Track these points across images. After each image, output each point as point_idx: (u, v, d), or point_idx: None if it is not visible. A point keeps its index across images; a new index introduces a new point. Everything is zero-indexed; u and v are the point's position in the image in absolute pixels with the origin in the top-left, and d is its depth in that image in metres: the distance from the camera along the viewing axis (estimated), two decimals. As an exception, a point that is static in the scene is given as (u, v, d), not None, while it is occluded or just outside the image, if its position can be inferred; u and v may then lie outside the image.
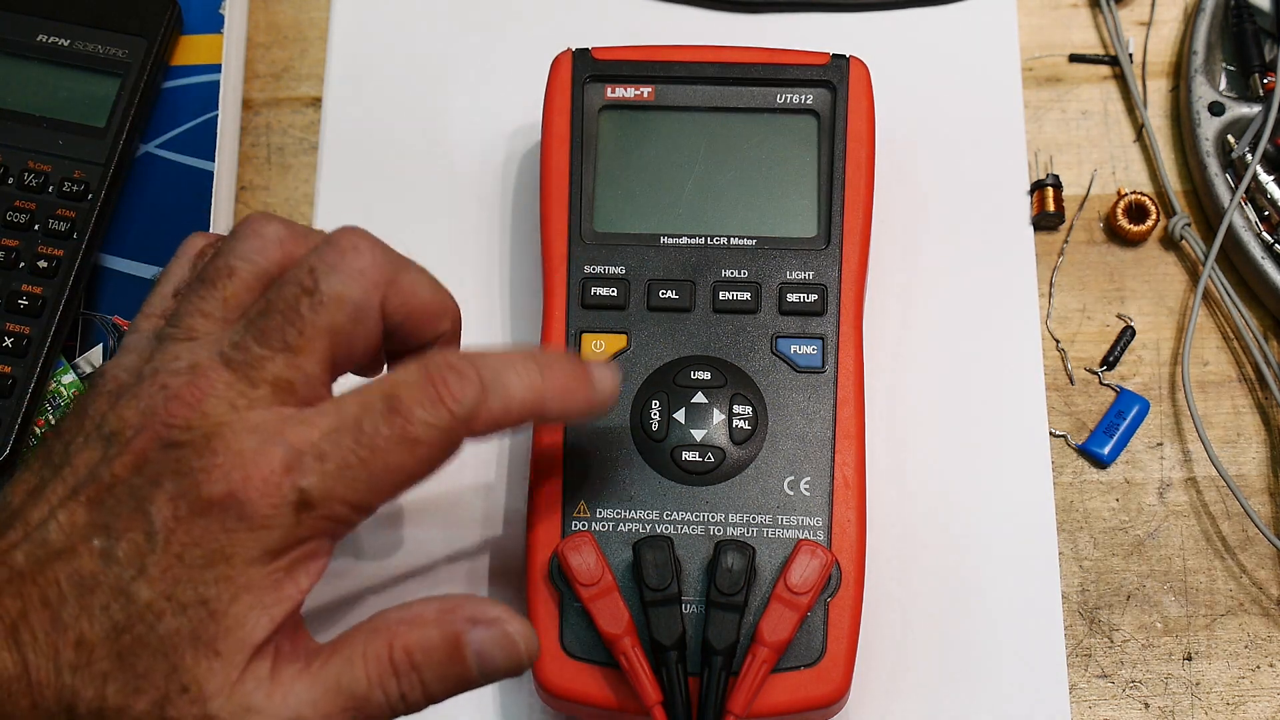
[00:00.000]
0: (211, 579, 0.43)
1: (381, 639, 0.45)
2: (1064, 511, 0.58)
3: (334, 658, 0.44)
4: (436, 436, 0.44)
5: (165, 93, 0.63)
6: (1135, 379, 0.61)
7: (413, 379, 0.44)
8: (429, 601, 0.45)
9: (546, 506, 0.53)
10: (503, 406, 0.45)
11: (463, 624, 0.45)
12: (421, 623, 0.45)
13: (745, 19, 0.65)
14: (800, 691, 0.51)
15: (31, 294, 0.58)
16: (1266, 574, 0.58)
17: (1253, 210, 0.62)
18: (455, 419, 0.44)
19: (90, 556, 0.43)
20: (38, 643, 0.43)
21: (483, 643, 0.45)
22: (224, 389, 0.44)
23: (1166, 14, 0.66)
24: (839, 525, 0.53)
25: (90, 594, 0.43)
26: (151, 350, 0.46)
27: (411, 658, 0.44)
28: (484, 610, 0.45)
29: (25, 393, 0.57)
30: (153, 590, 0.43)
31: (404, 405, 0.44)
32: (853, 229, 0.56)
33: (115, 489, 0.43)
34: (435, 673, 0.45)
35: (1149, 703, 0.56)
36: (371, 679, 0.44)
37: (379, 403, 0.44)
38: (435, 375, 0.44)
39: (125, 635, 0.43)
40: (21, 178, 0.60)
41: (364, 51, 0.65)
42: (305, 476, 0.43)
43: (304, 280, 0.45)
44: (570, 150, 0.57)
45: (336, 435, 0.43)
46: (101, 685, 0.43)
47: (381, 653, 0.44)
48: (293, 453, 0.43)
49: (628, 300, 0.56)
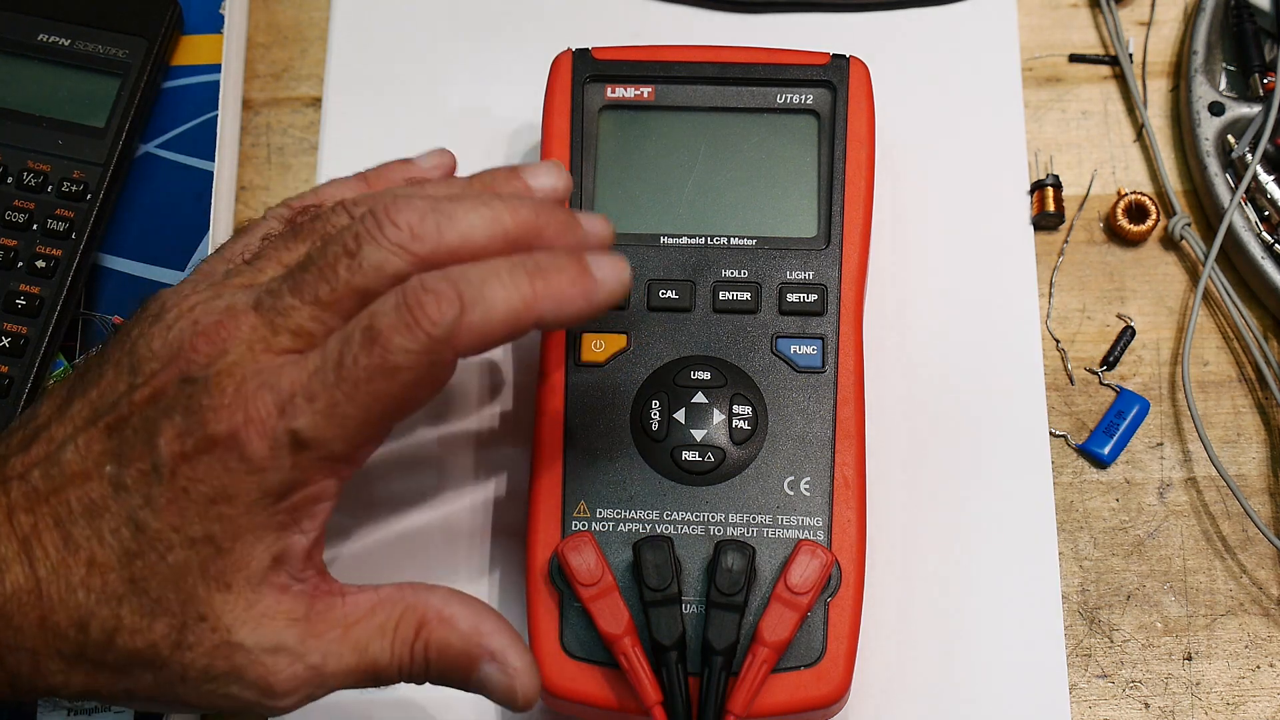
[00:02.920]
0: (215, 516, 0.44)
1: (414, 621, 0.47)
2: (1064, 511, 0.58)
3: (370, 620, 0.46)
4: (416, 361, 0.44)
5: (165, 93, 0.63)
6: (1135, 379, 0.61)
7: (389, 306, 0.45)
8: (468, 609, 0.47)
9: (546, 506, 0.53)
10: (484, 320, 0.45)
11: (485, 653, 0.47)
12: (452, 627, 0.47)
13: (745, 19, 0.65)
14: (800, 691, 0.51)
15: (29, 294, 0.58)
16: (1266, 574, 0.58)
17: (1253, 210, 0.62)
18: (433, 340, 0.44)
19: (101, 481, 0.44)
20: (49, 559, 0.44)
21: (489, 677, 0.47)
22: (248, 331, 0.45)
23: (1166, 14, 0.66)
24: (839, 525, 0.53)
25: (99, 518, 0.44)
26: (210, 285, 0.47)
27: (429, 652, 0.47)
28: (507, 654, 0.47)
29: (23, 393, 0.57)
30: (159, 521, 0.44)
31: (381, 334, 0.44)
32: (853, 229, 0.56)
33: (131, 418, 0.45)
34: (441, 671, 0.47)
35: (1149, 703, 0.56)
36: (394, 655, 0.46)
37: (358, 335, 0.45)
38: (410, 299, 0.44)
39: (137, 561, 0.44)
40: (21, 177, 0.60)
41: (364, 51, 0.65)
42: (296, 418, 0.44)
43: (348, 242, 0.46)
44: (570, 150, 0.57)
45: (322, 374, 0.44)
46: (116, 606, 0.44)
47: (409, 636, 0.46)
48: (284, 394, 0.44)
49: (628, 300, 0.56)
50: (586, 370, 0.55)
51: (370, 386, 0.44)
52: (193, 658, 0.45)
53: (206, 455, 0.44)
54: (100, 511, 0.44)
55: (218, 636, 0.45)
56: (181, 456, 0.44)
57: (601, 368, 0.55)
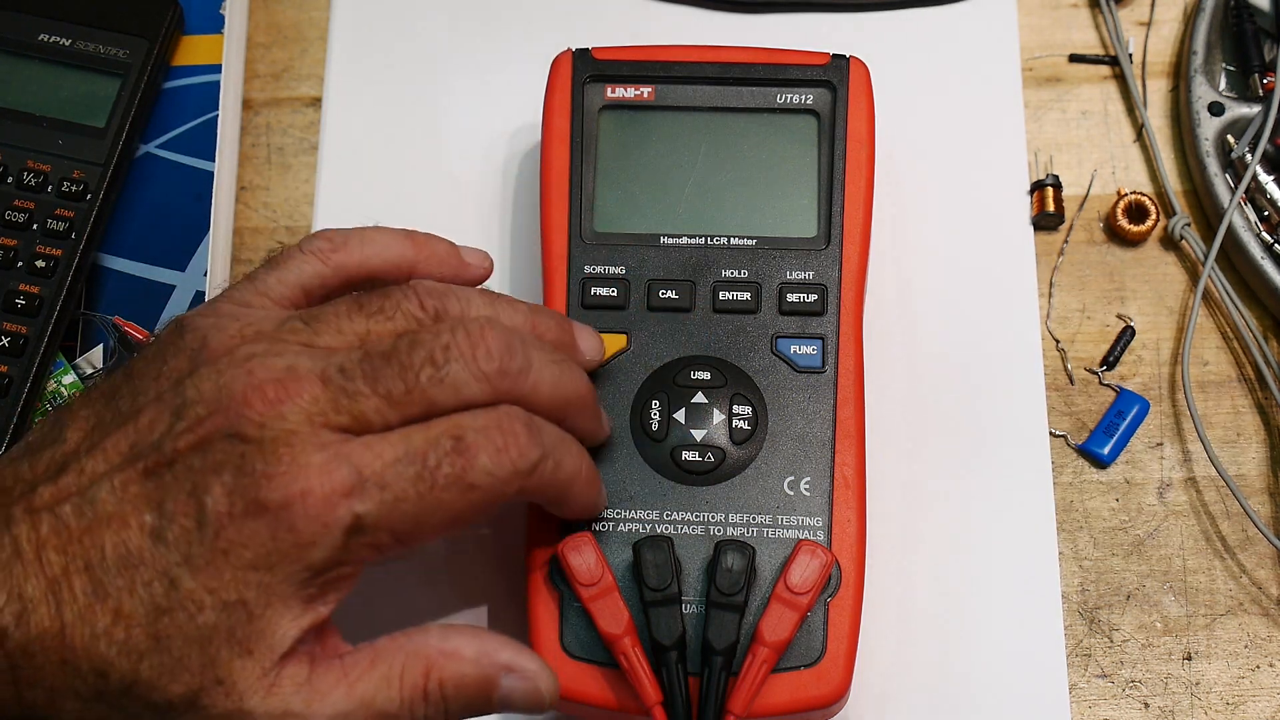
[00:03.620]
0: (254, 582, 0.44)
1: (419, 666, 0.46)
2: (1064, 511, 0.58)
3: (371, 673, 0.46)
4: (494, 486, 0.45)
5: (165, 93, 0.63)
6: (1135, 379, 0.61)
7: (482, 425, 0.45)
8: (468, 637, 0.47)
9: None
10: (553, 473, 0.47)
11: (499, 670, 0.47)
12: (459, 659, 0.46)
13: (745, 19, 0.65)
14: (800, 691, 0.51)
15: (29, 294, 0.58)
16: (1266, 574, 0.58)
17: (1253, 210, 0.62)
18: (516, 473, 0.46)
19: (140, 532, 0.44)
20: (77, 604, 0.43)
21: (512, 689, 0.47)
22: (309, 401, 0.44)
23: (1166, 14, 0.66)
24: (839, 525, 0.53)
25: (134, 570, 0.43)
26: (258, 333, 0.46)
27: (445, 690, 0.46)
28: (520, 661, 0.47)
29: (21, 392, 0.57)
30: (195, 581, 0.43)
31: (470, 449, 0.45)
32: (853, 229, 0.56)
33: (175, 466, 0.44)
34: (462, 705, 0.47)
35: (1149, 703, 0.56)
36: (404, 701, 0.46)
37: (447, 442, 0.45)
38: (505, 427, 0.46)
39: (165, 618, 0.43)
40: (21, 177, 0.60)
41: (364, 51, 0.65)
42: (363, 503, 0.44)
43: (436, 354, 0.46)
44: (570, 150, 0.57)
45: (400, 466, 0.44)
46: (137, 661, 0.44)
47: (418, 681, 0.46)
48: (357, 477, 0.44)
49: (628, 300, 0.56)
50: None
51: (442, 494, 0.45)
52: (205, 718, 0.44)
53: (254, 520, 0.43)
54: (135, 564, 0.43)
55: (231, 703, 0.44)
56: (229, 518, 0.43)
57: (601, 368, 0.55)
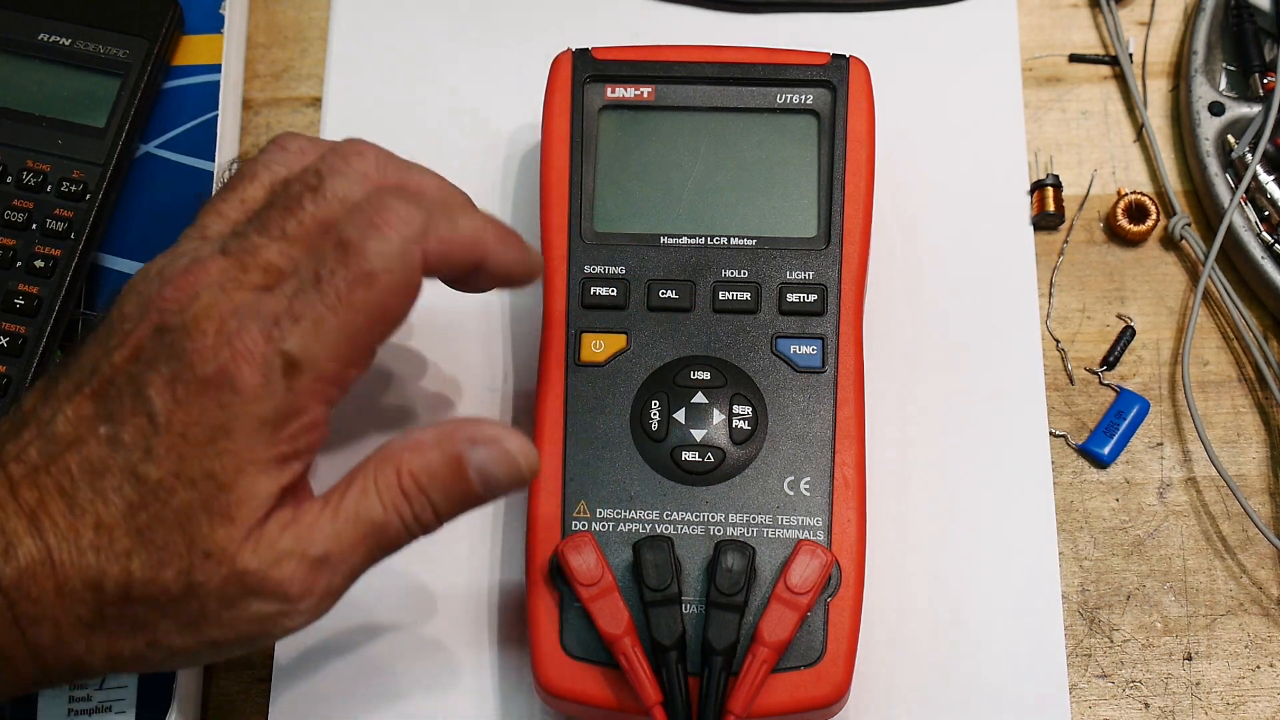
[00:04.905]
0: (215, 453, 0.44)
1: (390, 467, 0.47)
2: (1064, 511, 0.58)
3: (349, 491, 0.47)
4: (391, 263, 0.45)
5: (165, 93, 0.63)
6: (1135, 379, 0.61)
7: (355, 216, 0.46)
8: (428, 428, 0.48)
9: (546, 506, 0.53)
10: (450, 231, 0.47)
11: (463, 444, 0.47)
12: (423, 447, 0.47)
13: (745, 19, 0.65)
14: (800, 691, 0.51)
15: (28, 294, 0.58)
16: (1266, 574, 0.58)
17: (1253, 210, 0.62)
18: (405, 240, 0.46)
19: (98, 443, 0.45)
20: (58, 528, 0.44)
21: (483, 461, 0.47)
22: (217, 274, 0.46)
23: (1166, 14, 0.66)
24: (839, 525, 0.53)
25: (101, 478, 0.45)
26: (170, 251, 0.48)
27: (418, 481, 0.47)
28: (481, 430, 0.47)
29: (19, 392, 0.57)
30: (160, 469, 0.44)
31: (353, 243, 0.45)
32: (853, 229, 0.56)
33: (115, 379, 0.45)
34: (442, 493, 0.47)
35: (1149, 703, 0.56)
36: (386, 506, 0.46)
37: (330, 250, 0.45)
38: (377, 204, 0.46)
39: (141, 513, 0.44)
40: (20, 177, 0.60)
41: (364, 51, 0.65)
42: (285, 339, 0.45)
43: (309, 180, 0.47)
44: (570, 150, 0.57)
45: (303, 294, 0.45)
46: (126, 561, 0.44)
47: (391, 480, 0.47)
48: (268, 320, 0.45)
49: (628, 300, 0.56)
50: (586, 370, 0.55)
51: (351, 297, 0.45)
52: (205, 593, 0.45)
53: (199, 396, 0.44)
54: (101, 471, 0.45)
55: (224, 569, 0.45)
56: (175, 403, 0.44)
57: (601, 368, 0.55)
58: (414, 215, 0.46)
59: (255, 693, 0.56)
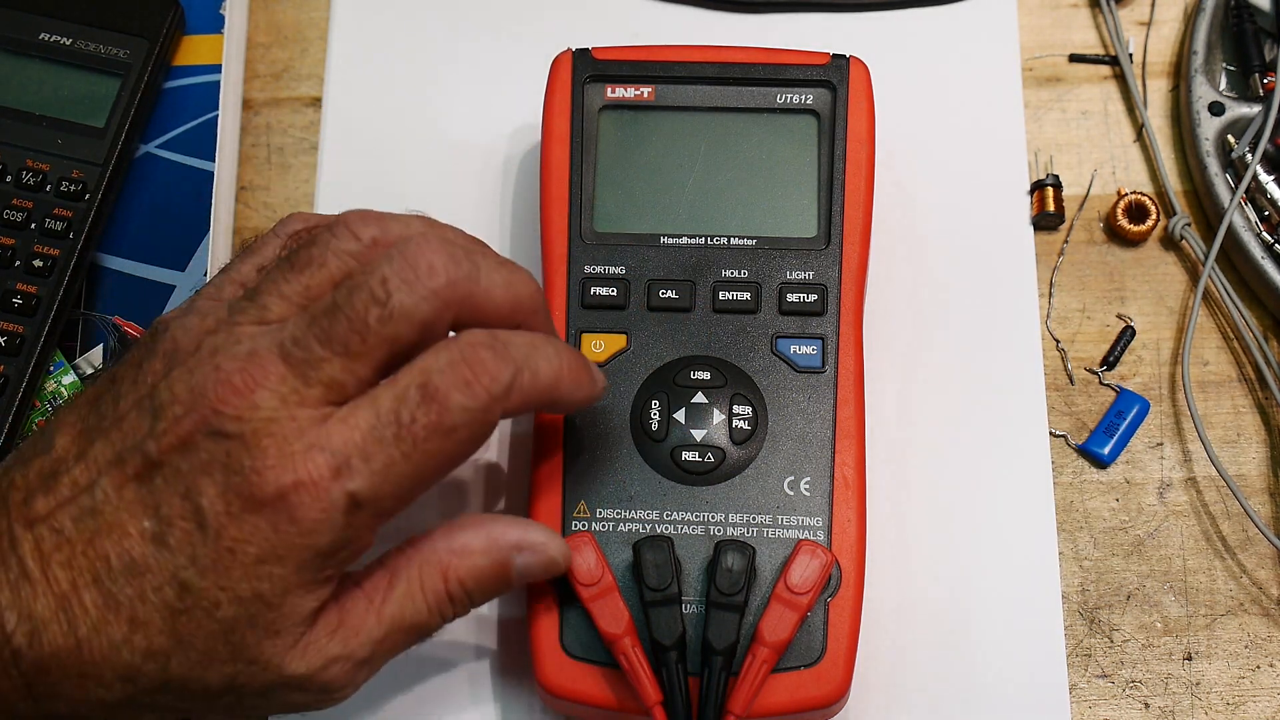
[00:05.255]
0: (264, 575, 0.44)
1: (435, 573, 0.47)
2: (1064, 511, 0.58)
3: (393, 593, 0.47)
4: (473, 419, 0.45)
5: (165, 93, 0.63)
6: (1135, 379, 0.61)
7: (444, 364, 0.44)
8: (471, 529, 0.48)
9: (546, 507, 0.53)
10: (532, 383, 0.46)
11: (510, 551, 0.48)
12: (471, 554, 0.47)
13: (745, 19, 0.65)
14: (800, 691, 0.51)
15: (26, 293, 0.58)
16: (1266, 574, 0.58)
17: (1253, 210, 0.62)
18: (492, 399, 0.45)
19: (141, 539, 0.44)
20: (90, 617, 0.43)
21: (528, 565, 0.48)
22: (277, 383, 0.44)
23: (1166, 14, 0.66)
24: (839, 525, 0.53)
25: (141, 577, 0.43)
26: (218, 322, 0.46)
27: (465, 586, 0.47)
28: (529, 538, 0.48)
29: (18, 392, 0.57)
30: (205, 580, 0.43)
31: (439, 393, 0.44)
32: (853, 229, 0.56)
33: (162, 468, 0.44)
34: (483, 593, 0.48)
35: (1149, 703, 0.56)
36: (431, 610, 0.47)
37: (414, 393, 0.44)
38: (469, 357, 0.45)
39: (182, 618, 0.44)
40: (20, 176, 0.60)
41: (364, 51, 0.65)
42: (353, 479, 0.44)
43: (376, 290, 0.44)
44: (570, 150, 0.57)
45: (377, 433, 0.44)
46: (164, 661, 0.44)
47: (438, 586, 0.47)
48: (339, 457, 0.44)
49: (628, 300, 0.56)
50: (586, 370, 0.55)
51: (427, 445, 0.44)
52: (250, 692, 0.45)
53: (253, 516, 0.43)
54: (142, 571, 0.43)
55: (270, 675, 0.45)
56: (228, 517, 0.43)
57: (601, 368, 0.55)
58: (503, 372, 0.45)
59: (255, 693, 0.56)
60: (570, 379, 0.48)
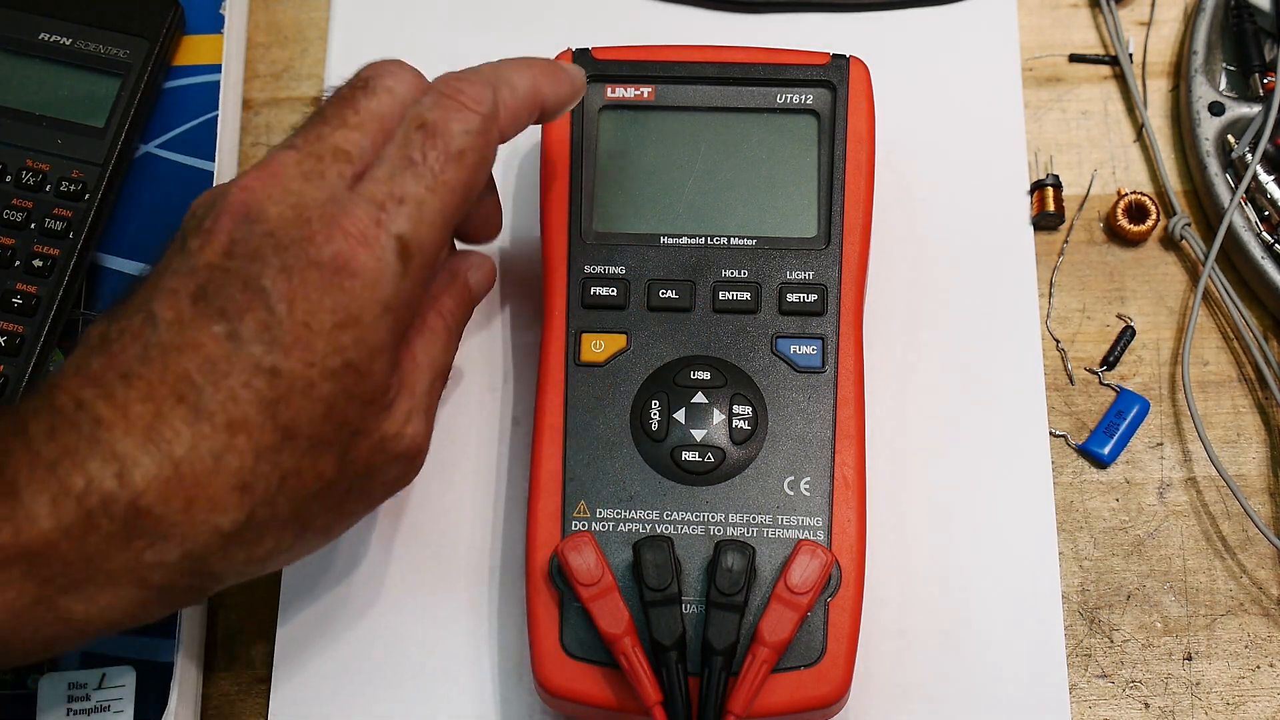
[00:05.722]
0: (348, 342, 0.44)
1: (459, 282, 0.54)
2: (1064, 511, 0.58)
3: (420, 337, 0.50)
4: (475, 141, 0.48)
5: (165, 93, 0.63)
6: (1135, 379, 0.61)
7: (430, 102, 0.48)
8: None
9: (546, 506, 0.53)
10: (513, 96, 0.49)
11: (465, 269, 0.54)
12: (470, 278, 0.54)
13: (745, 19, 0.65)
14: (800, 691, 0.51)
15: (26, 293, 0.58)
16: (1266, 574, 0.58)
17: (1253, 210, 0.62)
18: (484, 118, 0.48)
19: (215, 342, 0.43)
20: (182, 437, 0.42)
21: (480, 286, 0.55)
22: (292, 165, 0.46)
23: (1166, 14, 0.66)
24: (839, 525, 0.53)
25: (226, 378, 0.43)
26: None
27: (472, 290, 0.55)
28: None
29: (18, 392, 0.57)
30: (291, 360, 0.44)
31: (438, 125, 0.47)
32: (853, 229, 0.56)
33: (214, 277, 0.44)
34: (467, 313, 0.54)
35: (1149, 703, 0.56)
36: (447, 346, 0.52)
37: (416, 134, 0.47)
38: (447, 89, 0.48)
39: (280, 407, 0.44)
40: (19, 176, 0.60)
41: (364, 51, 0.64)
42: (394, 222, 0.46)
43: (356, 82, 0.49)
44: (570, 150, 0.57)
45: (398, 177, 0.46)
46: (275, 455, 0.44)
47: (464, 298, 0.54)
48: (375, 206, 0.46)
49: (628, 300, 0.56)
50: (586, 370, 0.55)
51: (444, 176, 0.47)
52: (355, 470, 0.46)
53: (318, 280, 0.44)
54: (225, 372, 0.43)
55: (370, 441, 0.46)
56: (294, 290, 0.44)
57: (601, 367, 0.55)
58: (484, 93, 0.48)
59: (255, 693, 0.56)
60: (547, 81, 0.51)
